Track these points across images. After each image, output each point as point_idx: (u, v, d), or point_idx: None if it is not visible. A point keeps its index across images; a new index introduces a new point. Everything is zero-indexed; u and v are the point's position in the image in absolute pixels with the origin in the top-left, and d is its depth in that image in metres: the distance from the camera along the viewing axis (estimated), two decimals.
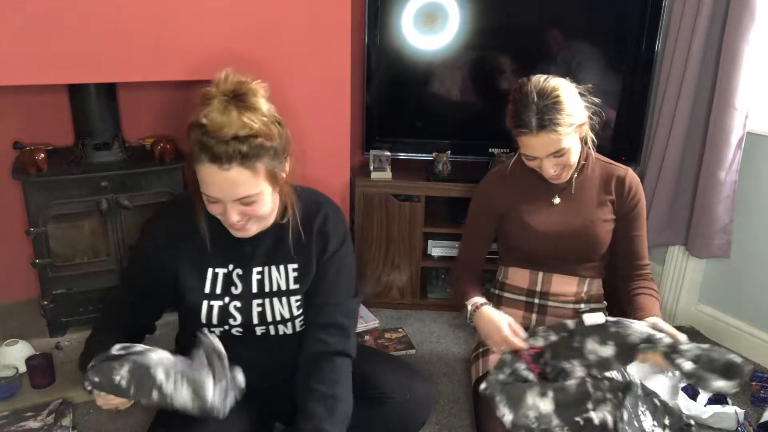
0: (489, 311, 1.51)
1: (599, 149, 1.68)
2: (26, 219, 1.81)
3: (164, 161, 1.90)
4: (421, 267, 2.30)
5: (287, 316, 1.35)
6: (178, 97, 2.11)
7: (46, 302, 1.88)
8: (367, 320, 2.20)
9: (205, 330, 1.25)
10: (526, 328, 1.65)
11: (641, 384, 1.50)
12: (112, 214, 1.87)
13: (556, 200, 1.60)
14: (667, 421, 1.44)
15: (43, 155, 1.77)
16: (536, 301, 1.65)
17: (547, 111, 1.38)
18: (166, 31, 1.61)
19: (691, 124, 2.07)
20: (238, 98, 1.14)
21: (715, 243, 2.05)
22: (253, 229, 1.26)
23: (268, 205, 1.23)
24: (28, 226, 1.80)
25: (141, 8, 1.57)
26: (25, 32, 1.46)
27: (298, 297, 1.35)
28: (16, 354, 1.75)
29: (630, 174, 1.60)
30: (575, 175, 1.58)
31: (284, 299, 1.34)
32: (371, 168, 2.23)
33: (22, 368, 1.72)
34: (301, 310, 1.36)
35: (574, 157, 1.48)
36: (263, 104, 1.17)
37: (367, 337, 2.11)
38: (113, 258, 1.92)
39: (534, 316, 1.64)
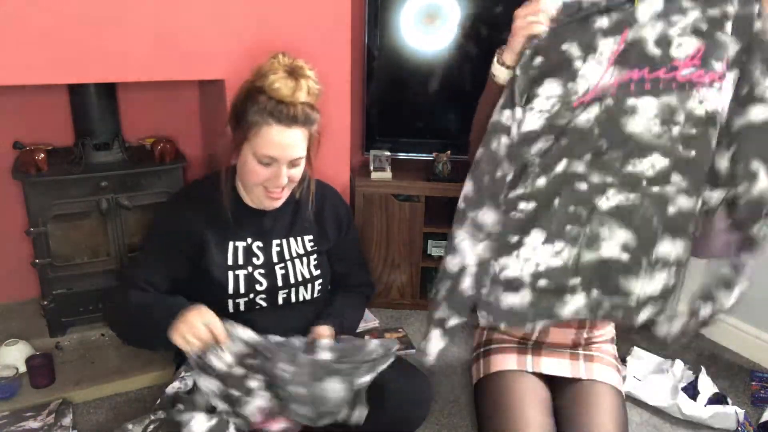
0: None
1: None
2: (26, 219, 1.81)
3: (164, 161, 1.90)
4: (421, 267, 2.30)
5: (307, 276, 1.50)
6: (178, 97, 2.11)
7: (46, 302, 1.88)
8: (367, 320, 2.20)
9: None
10: (528, 340, 1.62)
11: None
12: (112, 214, 1.87)
13: None
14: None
15: (43, 155, 1.77)
16: None
17: None
18: (166, 31, 1.61)
19: None
20: (297, 71, 1.32)
21: (715, 243, 2.04)
22: (283, 197, 1.43)
23: (301, 171, 1.40)
24: (28, 226, 1.80)
25: (141, 8, 1.57)
26: (25, 32, 1.46)
27: (316, 256, 1.53)
28: (16, 354, 1.75)
29: None
30: None
31: (304, 259, 1.51)
32: (371, 168, 2.24)
33: (22, 368, 1.72)
34: (319, 271, 1.52)
35: None
36: (314, 76, 1.36)
37: (367, 337, 2.11)
38: (113, 258, 1.92)
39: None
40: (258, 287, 1.44)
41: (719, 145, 1.15)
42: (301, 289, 1.50)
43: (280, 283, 1.47)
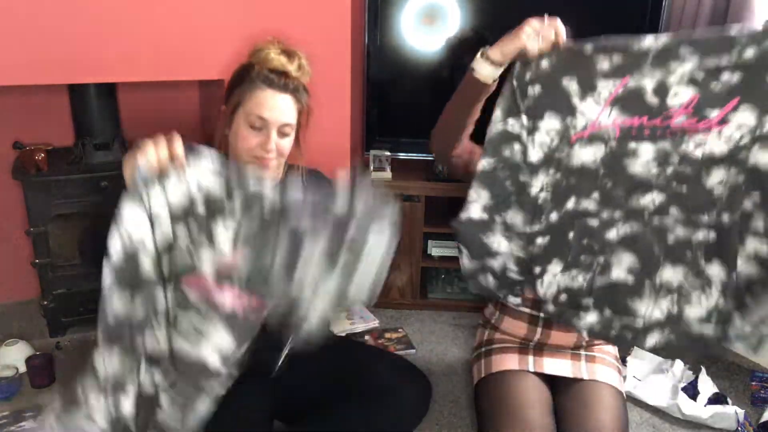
0: None
1: None
2: (26, 219, 1.81)
3: None
4: (421, 267, 2.30)
5: None
6: (178, 97, 2.12)
7: (46, 302, 1.88)
8: (367, 320, 2.20)
9: None
10: (529, 341, 1.61)
11: None
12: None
13: None
14: None
15: (43, 155, 1.77)
16: (543, 314, 1.55)
17: None
18: (166, 31, 1.61)
19: None
20: (290, 51, 1.40)
21: None
22: (273, 169, 1.42)
23: (290, 144, 1.41)
24: (28, 226, 1.80)
25: (141, 8, 1.57)
26: (25, 32, 1.46)
27: None
28: (16, 354, 1.75)
29: None
30: None
31: None
32: (371, 168, 2.24)
33: (22, 368, 1.72)
34: None
35: None
36: (305, 59, 1.42)
37: (367, 337, 2.11)
38: None
39: (539, 330, 1.58)
40: None
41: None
42: None
43: None
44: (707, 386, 1.81)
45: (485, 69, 1.29)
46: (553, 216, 1.28)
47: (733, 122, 1.16)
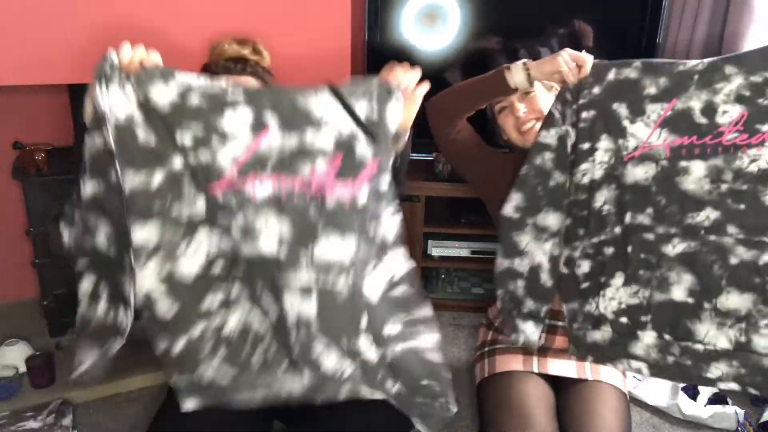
0: None
1: None
2: (26, 219, 1.81)
3: None
4: (421, 267, 2.30)
5: None
6: None
7: (46, 302, 1.88)
8: None
9: None
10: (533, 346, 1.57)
11: None
12: None
13: None
14: None
15: (43, 155, 1.77)
16: (547, 321, 1.50)
17: None
18: (165, 31, 1.61)
19: None
20: (242, 40, 1.43)
21: None
22: None
23: None
24: (28, 226, 1.80)
25: (140, 8, 1.57)
26: (24, 32, 1.46)
27: None
28: (16, 354, 1.75)
29: None
30: None
31: None
32: None
33: (22, 368, 1.72)
34: None
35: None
36: (266, 53, 1.45)
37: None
38: None
39: (543, 335, 1.54)
40: None
41: None
42: None
43: None
44: None
45: (519, 76, 1.37)
46: (617, 229, 1.31)
47: None
